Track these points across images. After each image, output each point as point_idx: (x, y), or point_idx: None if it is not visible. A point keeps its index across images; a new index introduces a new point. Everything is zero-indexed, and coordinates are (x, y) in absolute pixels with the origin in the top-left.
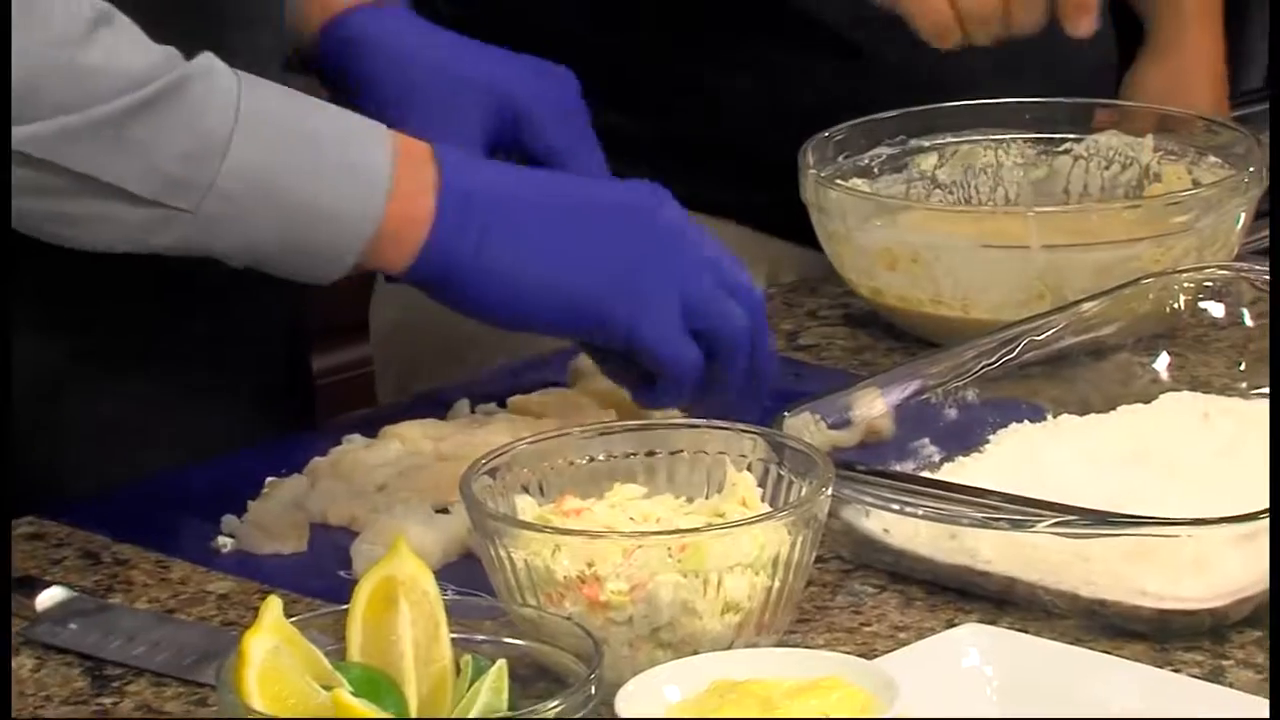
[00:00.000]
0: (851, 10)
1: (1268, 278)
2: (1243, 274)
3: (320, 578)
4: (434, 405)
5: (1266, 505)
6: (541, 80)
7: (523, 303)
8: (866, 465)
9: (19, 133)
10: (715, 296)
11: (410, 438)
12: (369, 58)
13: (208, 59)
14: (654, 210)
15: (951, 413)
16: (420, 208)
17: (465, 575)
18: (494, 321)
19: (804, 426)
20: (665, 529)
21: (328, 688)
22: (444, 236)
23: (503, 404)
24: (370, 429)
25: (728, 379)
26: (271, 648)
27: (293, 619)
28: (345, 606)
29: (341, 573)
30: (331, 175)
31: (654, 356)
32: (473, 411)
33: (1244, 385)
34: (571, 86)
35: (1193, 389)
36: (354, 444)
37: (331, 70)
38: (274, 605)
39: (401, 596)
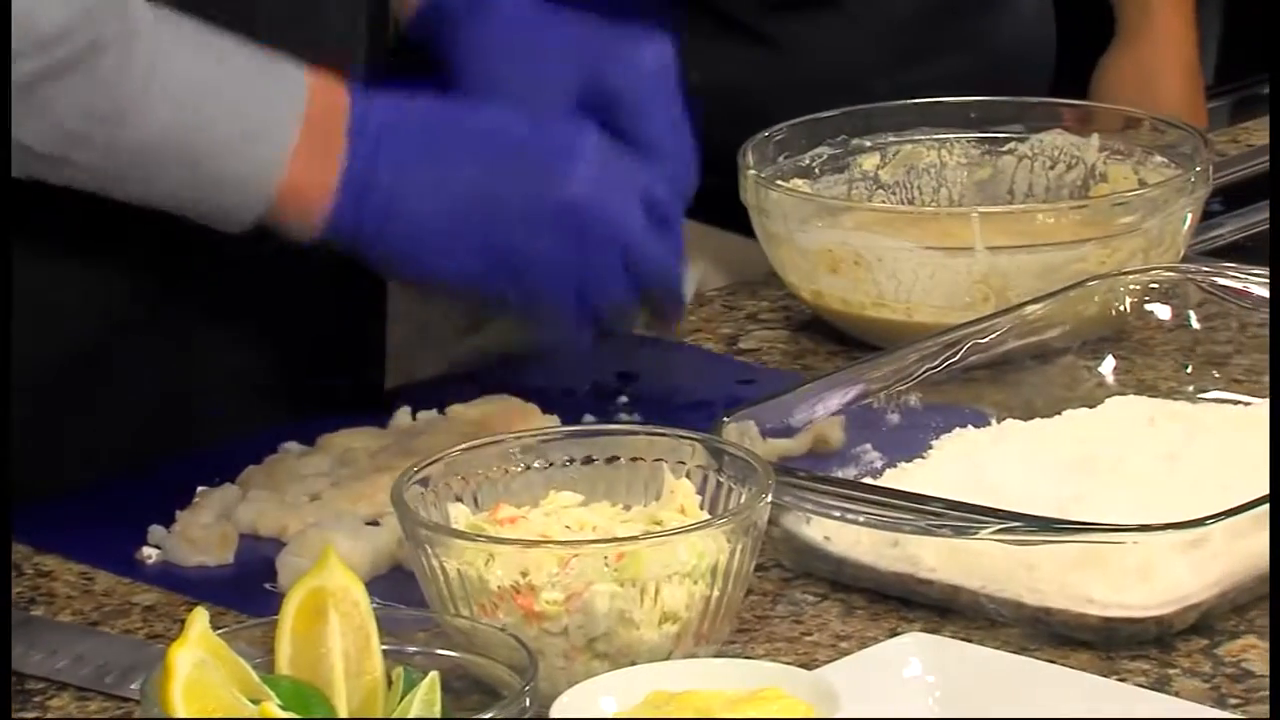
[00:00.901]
0: None
1: (1215, 279)
2: (1189, 276)
3: (248, 589)
4: (374, 413)
5: (1213, 511)
6: (631, 55)
7: (427, 274)
8: (807, 471)
9: None
10: (615, 284)
11: (347, 447)
12: (457, 43)
13: (126, 20)
14: (564, 177)
15: (894, 418)
16: (322, 178)
17: (395, 588)
18: (401, 280)
19: (746, 434)
20: (601, 537)
21: (255, 701)
22: (345, 214)
23: (444, 412)
24: (307, 436)
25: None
26: (198, 661)
27: (220, 631)
28: (274, 618)
29: (267, 585)
30: (230, 141)
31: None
32: (414, 419)
33: (1191, 389)
34: (662, 57)
35: (1139, 392)
36: (289, 452)
37: (425, 51)
38: (200, 617)
39: (331, 608)
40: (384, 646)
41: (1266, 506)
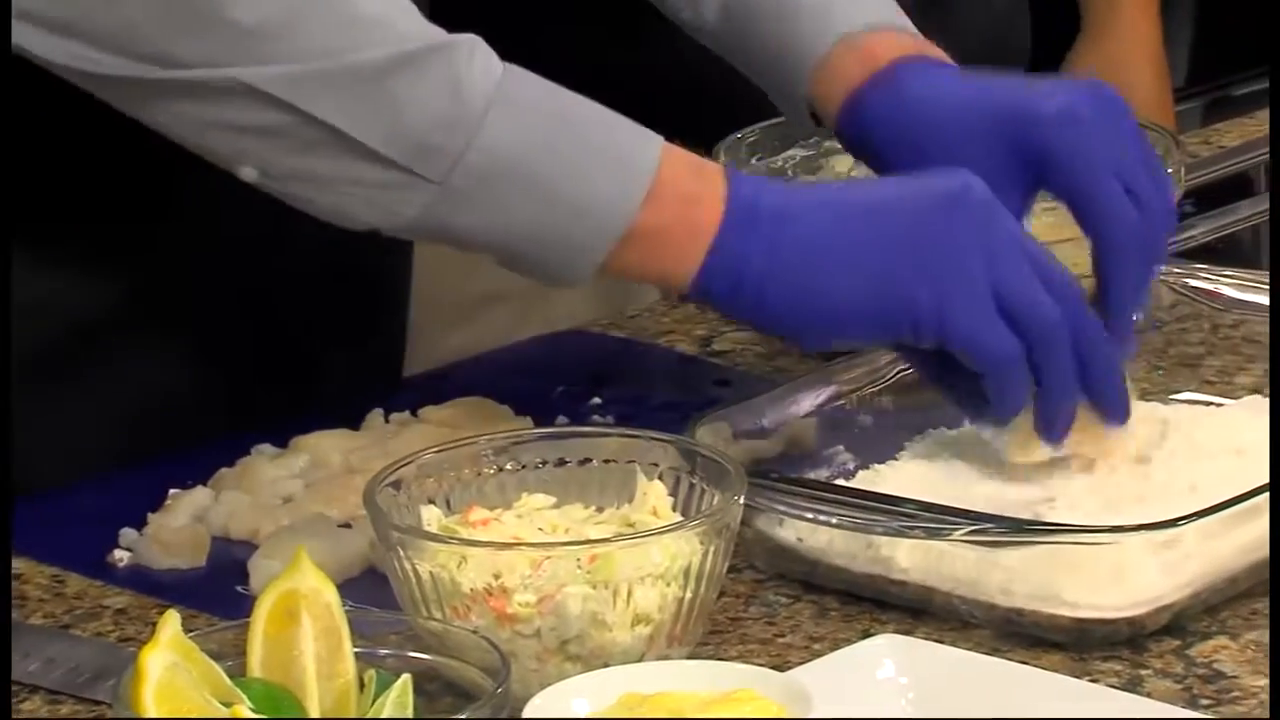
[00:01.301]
0: None
1: (1187, 281)
2: (1161, 277)
3: (220, 592)
4: (347, 415)
5: (1185, 512)
6: (1080, 124)
7: (820, 308)
8: (780, 473)
9: (265, 72)
10: (1028, 284)
11: (320, 448)
12: (889, 143)
13: (475, 38)
14: (956, 193)
15: (867, 420)
16: (703, 216)
17: (368, 591)
18: (793, 333)
19: (719, 436)
20: (574, 539)
21: (227, 704)
22: (731, 245)
23: (417, 414)
24: (280, 439)
25: (1047, 378)
26: (169, 664)
27: (192, 634)
28: (245, 621)
29: (239, 588)
30: (587, 164)
31: (968, 347)
32: (386, 421)
33: (1164, 390)
34: (1115, 120)
35: None
36: (262, 454)
37: (853, 145)
38: (172, 620)
39: (303, 610)
40: (356, 649)
41: (1238, 507)
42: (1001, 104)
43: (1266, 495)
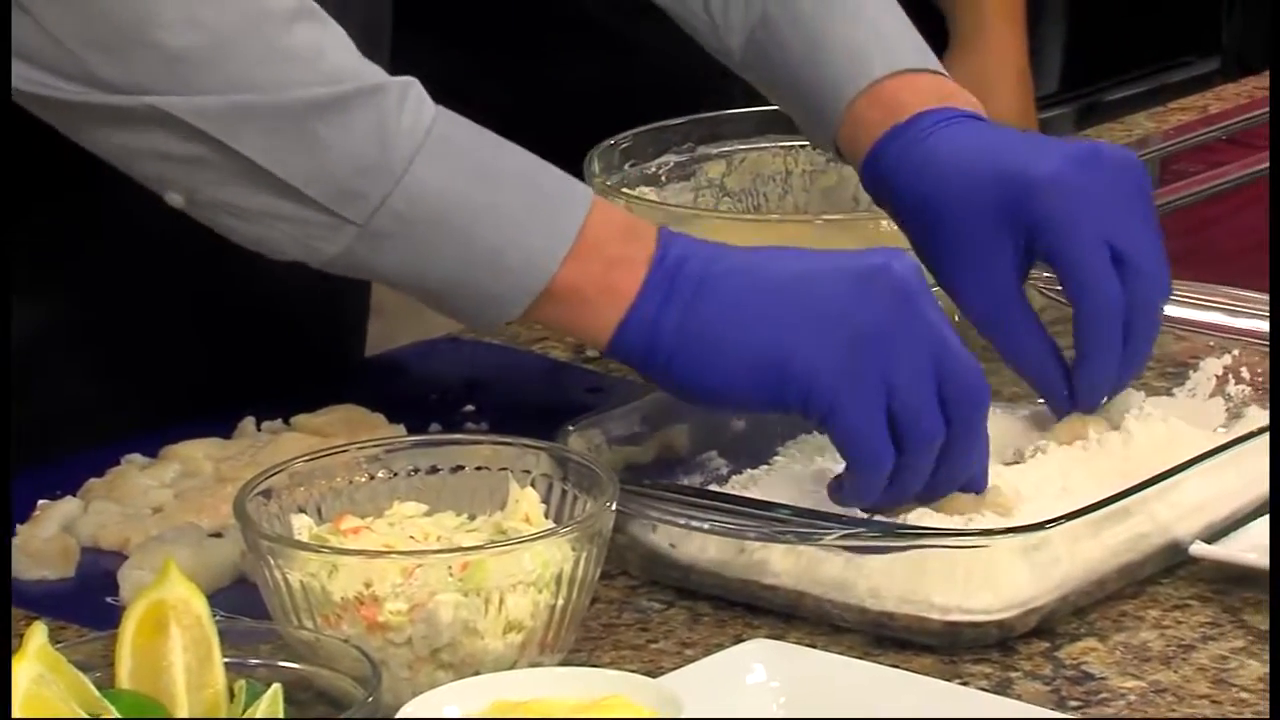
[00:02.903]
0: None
1: (1058, 286)
2: (1031, 281)
3: (89, 603)
4: (219, 423)
5: (1054, 515)
6: (1058, 168)
7: (718, 379)
8: (653, 479)
9: (189, 102)
10: (920, 387)
11: (191, 458)
12: (900, 198)
13: (410, 80)
14: (871, 272)
15: (740, 425)
16: (625, 279)
17: (239, 601)
18: (694, 399)
19: (592, 442)
20: (445, 547)
21: (95, 716)
22: (647, 311)
23: (289, 422)
24: (150, 448)
25: (902, 476)
26: (36, 676)
27: (59, 645)
28: (114, 632)
29: (109, 599)
30: (511, 218)
31: (845, 443)
32: (258, 430)
33: (1034, 394)
34: (1112, 183)
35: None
36: (132, 464)
37: (875, 196)
38: (39, 632)
39: (172, 621)
40: (226, 659)
41: (1106, 510)
42: (999, 166)
43: (1134, 497)
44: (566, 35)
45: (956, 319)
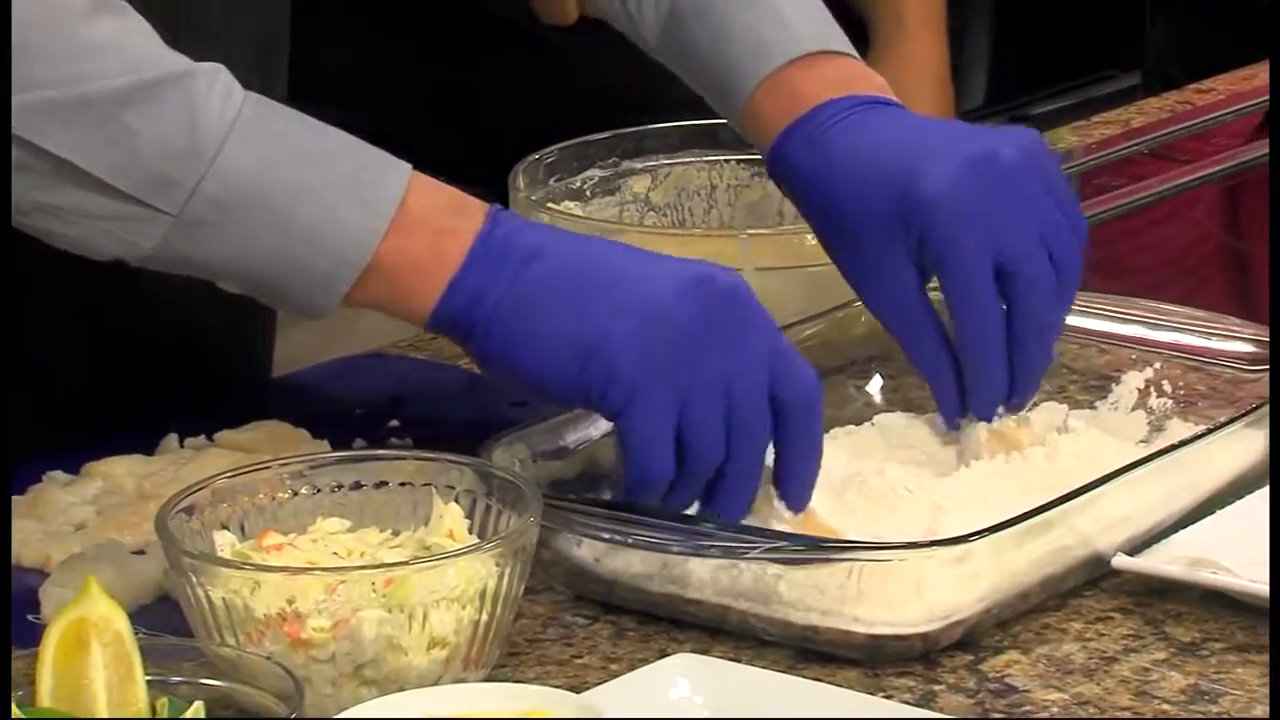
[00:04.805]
0: None
1: None
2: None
3: (11, 621)
4: (141, 440)
5: (977, 528)
6: (947, 178)
7: (525, 360)
8: (577, 494)
9: None
10: (711, 413)
11: (113, 475)
12: (802, 193)
13: (218, 66)
14: (696, 281)
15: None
16: (449, 251)
17: (161, 618)
18: (502, 381)
19: (517, 457)
20: (369, 563)
21: None
22: (469, 286)
23: (212, 438)
24: (72, 465)
25: (677, 494)
26: None
27: None
28: (35, 650)
29: (30, 616)
30: (328, 196)
31: (629, 454)
32: (181, 446)
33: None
34: (1010, 190)
35: (906, 410)
36: (54, 481)
37: (781, 180)
38: None
39: (93, 639)
40: (148, 676)
41: (1028, 523)
42: (886, 175)
43: (1057, 510)
44: (493, 43)
45: None
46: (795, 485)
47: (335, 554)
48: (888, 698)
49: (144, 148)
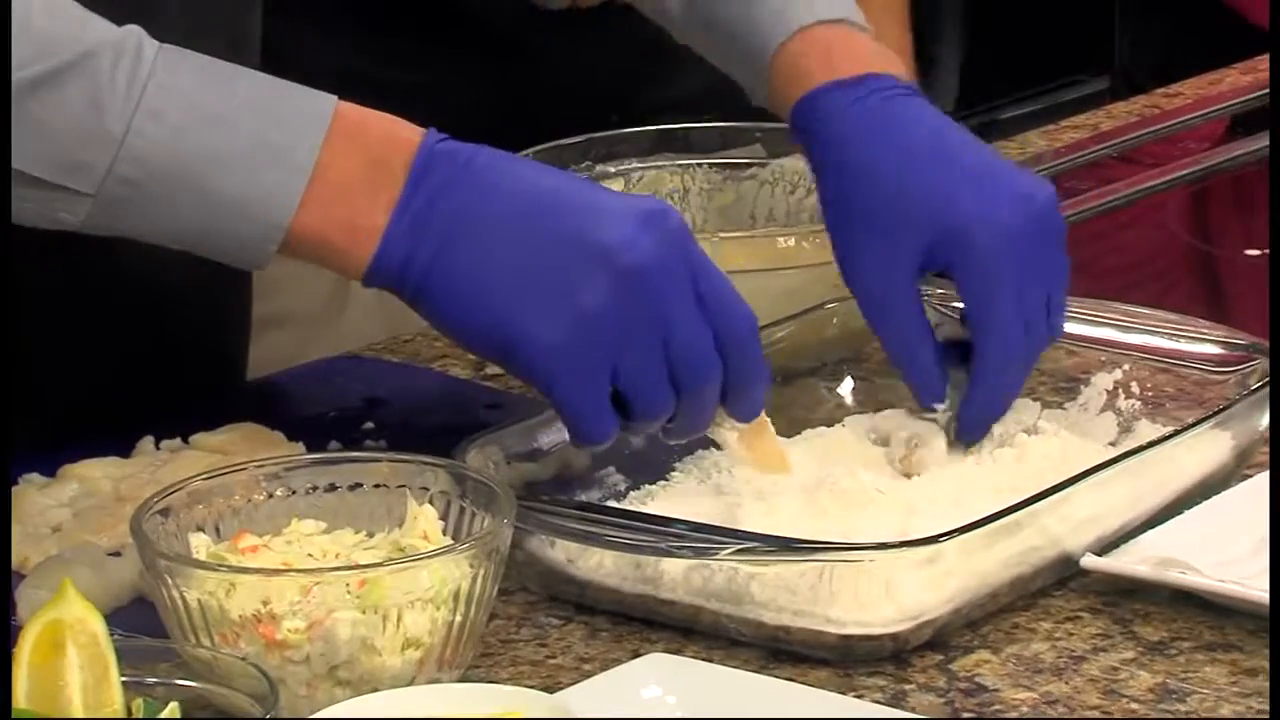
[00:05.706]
0: (515, 8)
1: (951, 301)
2: (925, 297)
3: (11, 621)
4: (117, 443)
5: (947, 529)
6: (992, 206)
7: (458, 331)
8: (550, 495)
9: None
10: (652, 366)
11: (89, 477)
12: (821, 151)
13: (127, 32)
14: (630, 257)
15: (637, 441)
16: (369, 219)
17: (137, 620)
18: (446, 334)
19: (491, 459)
20: (343, 565)
21: None
22: (394, 249)
23: (188, 440)
24: (49, 467)
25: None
26: None
27: None
28: (11, 652)
29: None
30: (242, 161)
31: (565, 421)
32: (157, 448)
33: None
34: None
35: (878, 412)
36: (31, 483)
37: (805, 130)
38: None
39: (69, 640)
40: (124, 678)
41: (998, 523)
42: (930, 180)
43: (1026, 511)
44: (466, 45)
45: None
46: (745, 406)
47: (310, 555)
48: (859, 697)
49: (54, 135)
